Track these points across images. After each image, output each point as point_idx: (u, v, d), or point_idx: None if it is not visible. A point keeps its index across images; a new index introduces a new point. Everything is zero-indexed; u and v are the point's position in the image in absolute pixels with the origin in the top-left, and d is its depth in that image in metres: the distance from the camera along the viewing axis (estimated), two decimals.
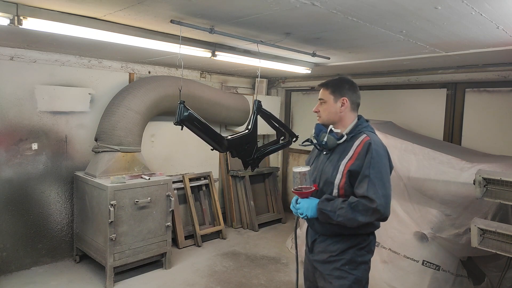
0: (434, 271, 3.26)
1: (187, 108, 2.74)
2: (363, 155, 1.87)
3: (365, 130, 2.00)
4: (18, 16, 2.30)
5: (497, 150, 4.01)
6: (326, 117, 2.07)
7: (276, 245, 4.92)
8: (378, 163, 1.85)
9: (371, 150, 1.86)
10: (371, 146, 1.88)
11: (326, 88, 2.08)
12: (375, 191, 1.80)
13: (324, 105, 2.07)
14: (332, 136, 1.99)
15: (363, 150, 1.88)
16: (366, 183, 1.82)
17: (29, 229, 3.94)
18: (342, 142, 1.98)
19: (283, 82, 6.21)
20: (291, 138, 3.49)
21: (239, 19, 2.48)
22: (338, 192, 1.92)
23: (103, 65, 4.37)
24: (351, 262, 1.95)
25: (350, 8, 2.12)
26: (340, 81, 2.08)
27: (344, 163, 1.92)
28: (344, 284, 1.94)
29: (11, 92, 3.74)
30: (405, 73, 4.60)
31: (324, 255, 2.01)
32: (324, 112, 2.07)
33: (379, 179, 1.83)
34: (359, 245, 1.96)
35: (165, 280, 3.83)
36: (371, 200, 1.79)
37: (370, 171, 1.83)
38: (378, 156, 1.87)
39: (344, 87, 2.05)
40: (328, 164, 2.00)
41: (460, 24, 2.36)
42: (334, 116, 2.05)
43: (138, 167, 4.03)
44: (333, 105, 2.04)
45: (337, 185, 1.92)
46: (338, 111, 2.03)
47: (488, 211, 3.09)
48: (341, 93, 2.03)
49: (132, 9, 2.34)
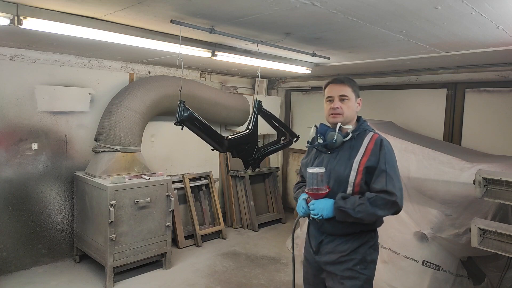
0: (434, 271, 3.26)
1: (187, 108, 2.74)
2: (377, 151, 1.90)
3: (369, 129, 2.04)
4: (18, 16, 2.30)
5: (497, 150, 4.01)
6: (348, 114, 2.00)
7: (276, 245, 4.92)
8: (391, 158, 1.91)
9: (384, 146, 1.91)
10: (383, 142, 1.93)
11: (349, 84, 2.01)
12: (393, 185, 1.85)
13: (348, 102, 1.99)
14: (340, 134, 1.98)
15: (376, 147, 1.91)
16: (384, 178, 1.85)
17: (29, 229, 3.94)
18: (348, 140, 1.98)
19: (283, 82, 6.21)
20: (292, 138, 3.50)
21: (239, 19, 2.48)
22: (353, 189, 1.92)
23: (103, 65, 4.37)
24: (362, 262, 1.95)
25: (350, 8, 2.12)
26: (355, 81, 2.07)
27: (358, 161, 1.91)
28: (356, 284, 1.94)
29: (11, 92, 3.74)
30: (405, 73, 4.60)
31: (334, 255, 1.99)
32: (348, 110, 2.00)
33: (394, 172, 1.88)
34: (368, 243, 1.98)
35: (165, 280, 3.83)
36: (391, 194, 1.83)
37: (386, 166, 1.87)
38: (390, 152, 1.92)
39: (358, 88, 2.06)
40: (338, 163, 1.97)
41: (460, 24, 2.36)
42: (353, 114, 2.03)
43: (138, 167, 4.03)
44: (354, 103, 2.02)
45: (351, 183, 1.91)
46: (356, 110, 2.04)
47: (488, 211, 3.09)
48: (358, 93, 2.06)
49: (132, 9, 2.34)
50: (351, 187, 1.91)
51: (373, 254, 2.00)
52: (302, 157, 6.66)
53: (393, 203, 1.84)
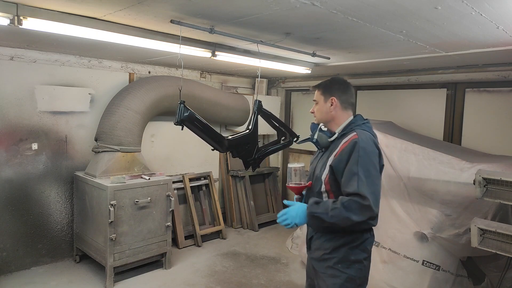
0: (434, 271, 3.26)
1: (187, 108, 2.74)
2: (346, 152, 1.89)
3: (357, 128, 2.00)
4: (18, 16, 2.30)
5: (497, 150, 4.01)
6: (319, 116, 2.15)
7: (276, 245, 4.92)
8: (365, 160, 1.85)
9: (358, 148, 1.87)
10: (357, 143, 1.88)
11: (318, 89, 2.16)
12: (365, 188, 1.80)
13: (317, 106, 2.15)
14: (324, 134, 2.09)
15: (348, 147, 1.90)
16: (355, 181, 1.82)
17: (29, 229, 3.94)
18: (334, 139, 2.04)
19: (283, 82, 6.21)
20: (292, 138, 3.49)
21: (239, 19, 2.48)
22: (325, 187, 1.98)
23: (103, 65, 4.37)
24: (344, 261, 1.94)
25: (350, 8, 2.12)
26: (330, 81, 2.14)
27: (331, 159, 1.97)
28: (337, 282, 1.94)
29: (11, 92, 3.74)
30: (405, 73, 4.60)
31: (319, 252, 2.03)
32: (317, 112, 2.15)
33: (367, 176, 1.83)
34: (352, 243, 1.95)
35: (165, 280, 3.83)
36: (364, 197, 1.78)
37: (358, 168, 1.83)
38: (366, 154, 1.86)
39: (333, 87, 2.11)
40: (320, 161, 2.08)
41: (460, 24, 2.36)
42: (326, 115, 2.11)
43: (138, 167, 4.03)
44: (323, 105, 2.11)
45: (323, 180, 1.98)
46: (328, 111, 2.09)
47: (488, 211, 3.09)
48: (330, 93, 2.09)
49: (132, 9, 2.34)
50: (324, 185, 1.99)
51: (358, 254, 1.96)
52: (302, 157, 6.68)
53: (366, 207, 1.77)
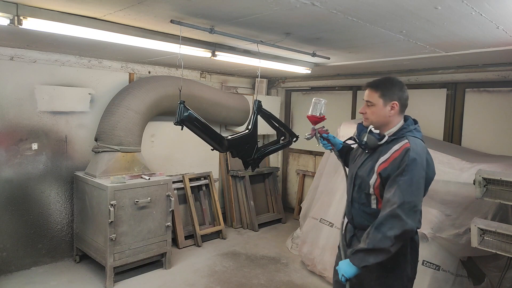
0: (434, 271, 3.26)
1: (187, 108, 2.74)
2: (398, 162, 1.83)
3: (409, 135, 1.93)
4: (18, 16, 2.30)
5: (497, 150, 4.01)
6: (374, 120, 1.99)
7: (276, 245, 4.92)
8: (411, 171, 1.79)
9: (407, 158, 1.81)
10: (409, 153, 1.82)
11: (375, 90, 1.98)
12: (399, 196, 1.76)
13: (372, 108, 1.98)
14: (373, 136, 1.96)
15: (400, 157, 1.84)
16: (394, 188, 1.79)
17: (29, 229, 3.94)
18: (383, 143, 1.94)
19: (283, 82, 6.21)
20: (292, 138, 3.49)
21: (239, 19, 2.48)
22: (373, 191, 1.94)
23: (103, 65, 4.37)
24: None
25: (350, 8, 2.12)
26: (391, 83, 1.98)
27: (378, 165, 1.91)
28: (371, 277, 1.98)
29: (11, 92, 3.74)
30: (405, 73, 4.60)
31: None
32: (373, 115, 1.99)
33: (408, 186, 1.77)
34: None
35: (165, 280, 3.83)
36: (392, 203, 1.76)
37: (401, 178, 1.79)
38: (413, 164, 1.80)
39: (394, 90, 1.95)
40: (366, 163, 2.00)
41: (460, 24, 2.36)
42: (383, 119, 1.97)
43: (138, 167, 4.03)
44: (382, 109, 1.95)
45: (372, 185, 1.93)
46: (387, 115, 1.96)
47: (488, 211, 3.08)
48: (391, 96, 1.94)
49: (132, 9, 2.34)
50: (372, 189, 1.94)
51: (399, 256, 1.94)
52: (302, 157, 6.66)
53: (392, 215, 1.74)
